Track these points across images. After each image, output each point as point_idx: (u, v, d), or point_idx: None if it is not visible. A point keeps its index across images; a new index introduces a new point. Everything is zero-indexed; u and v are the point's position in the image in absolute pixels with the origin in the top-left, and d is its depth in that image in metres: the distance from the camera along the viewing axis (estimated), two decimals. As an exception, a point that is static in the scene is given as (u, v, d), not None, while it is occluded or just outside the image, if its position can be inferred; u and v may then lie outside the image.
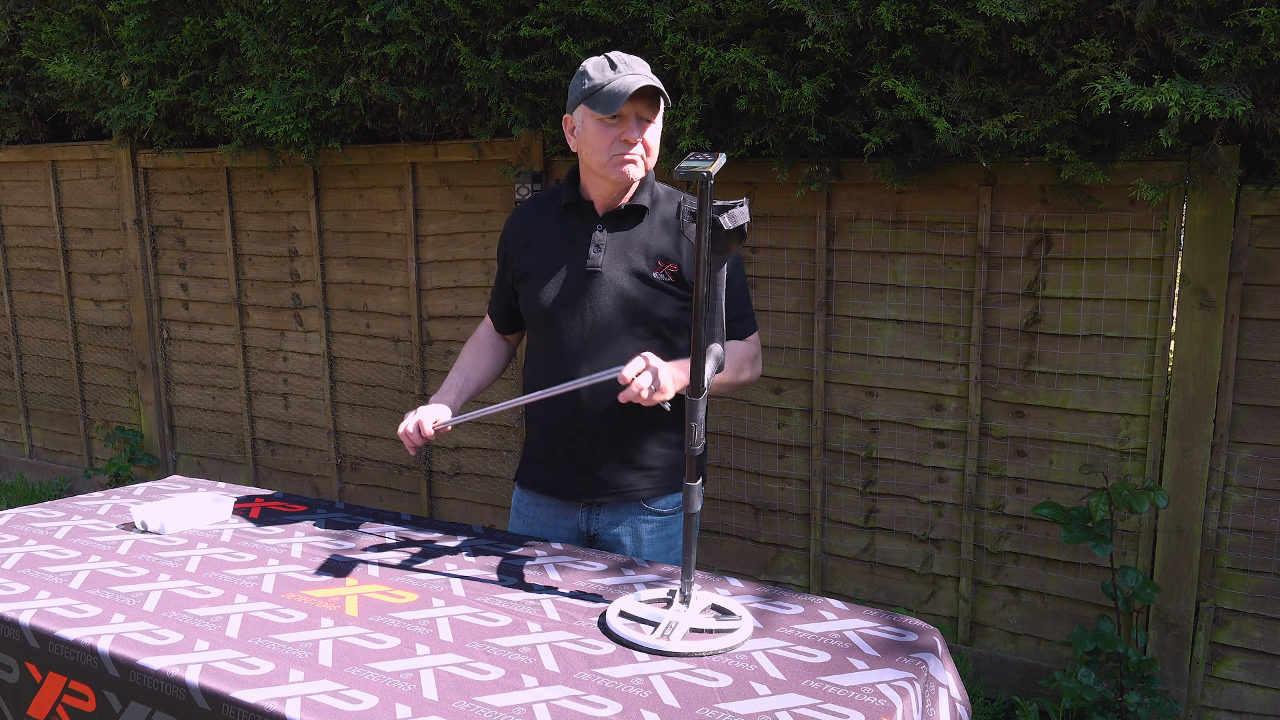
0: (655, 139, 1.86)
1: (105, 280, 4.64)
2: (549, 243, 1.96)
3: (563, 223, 1.96)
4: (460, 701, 1.32)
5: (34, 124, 4.67)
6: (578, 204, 1.94)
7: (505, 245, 2.05)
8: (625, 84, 1.75)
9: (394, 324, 3.87)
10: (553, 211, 1.98)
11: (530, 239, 1.99)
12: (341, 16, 3.32)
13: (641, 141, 1.82)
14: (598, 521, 2.00)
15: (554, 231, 1.96)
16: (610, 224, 1.92)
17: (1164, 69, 2.41)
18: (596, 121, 1.80)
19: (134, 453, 4.59)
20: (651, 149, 1.85)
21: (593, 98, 1.78)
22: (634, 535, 1.99)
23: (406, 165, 3.69)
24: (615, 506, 1.98)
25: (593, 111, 1.79)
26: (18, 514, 2.15)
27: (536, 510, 2.06)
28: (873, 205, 2.95)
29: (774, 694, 1.35)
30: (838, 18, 2.59)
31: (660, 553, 2.01)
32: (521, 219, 2.04)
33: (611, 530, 1.99)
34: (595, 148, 1.82)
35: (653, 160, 1.88)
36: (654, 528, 2.00)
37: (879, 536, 3.11)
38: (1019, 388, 2.84)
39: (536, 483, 2.05)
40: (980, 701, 2.94)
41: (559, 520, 2.02)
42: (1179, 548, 2.68)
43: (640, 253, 1.90)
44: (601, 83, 1.78)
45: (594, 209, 1.93)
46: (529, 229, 2.00)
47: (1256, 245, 2.52)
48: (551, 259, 1.94)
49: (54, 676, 1.54)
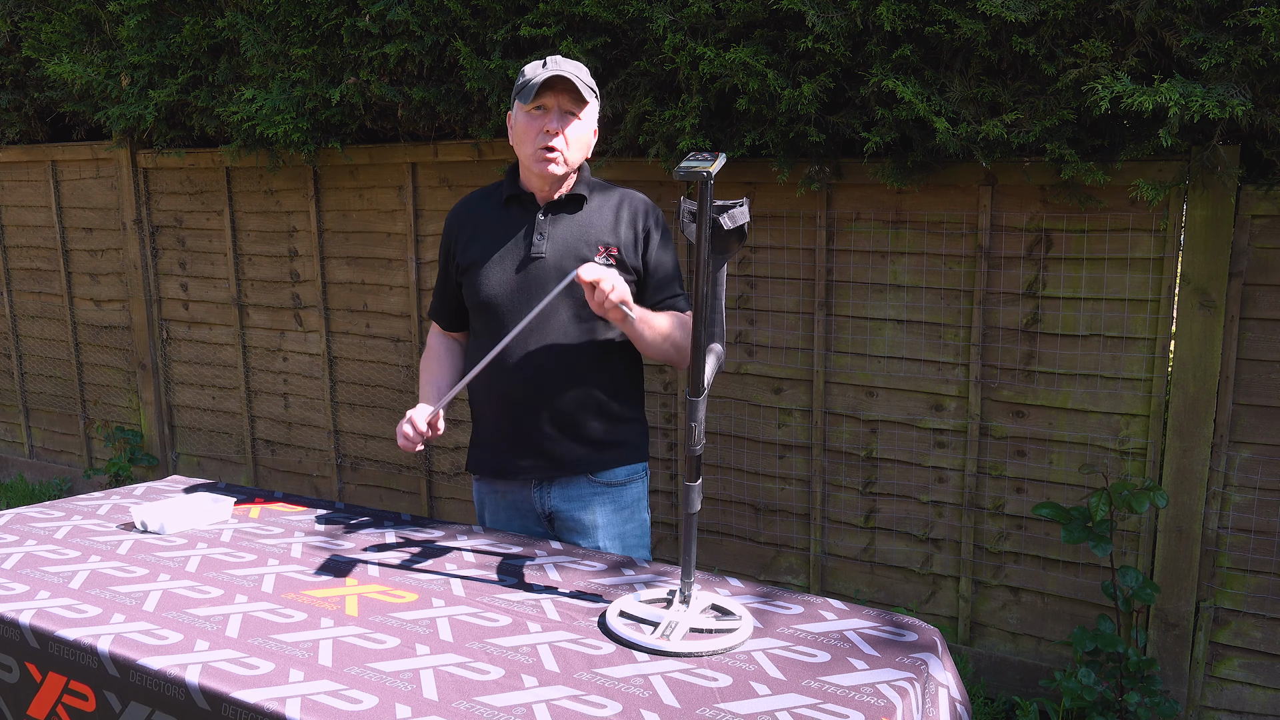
0: (578, 135, 1.94)
1: (105, 280, 4.64)
2: (491, 233, 2.04)
3: (505, 214, 2.04)
4: (460, 701, 1.32)
5: (34, 124, 4.67)
6: (519, 196, 2.03)
7: (447, 240, 2.12)
8: (543, 75, 1.87)
9: (394, 324, 3.87)
10: (493, 204, 2.07)
11: (473, 231, 2.06)
12: (341, 16, 3.32)
13: (562, 134, 1.90)
14: (550, 498, 2.06)
15: (496, 222, 2.04)
16: (552, 213, 2.00)
17: (1164, 69, 2.41)
18: (525, 114, 1.93)
19: (134, 453, 4.59)
20: (573, 142, 1.93)
21: (521, 91, 1.91)
22: (588, 509, 2.06)
23: (406, 165, 3.69)
24: (565, 482, 2.05)
25: (520, 104, 1.92)
26: (18, 514, 2.15)
27: (494, 497, 2.12)
28: (873, 205, 2.95)
29: (774, 694, 1.35)
30: (838, 18, 2.59)
31: (617, 524, 2.08)
32: (462, 214, 2.12)
33: (566, 505, 2.06)
34: (522, 139, 1.94)
35: (576, 154, 1.95)
36: (606, 498, 2.07)
37: (879, 536, 3.11)
38: (1019, 388, 2.84)
39: (487, 468, 2.11)
40: (980, 701, 2.94)
41: (516, 502, 2.09)
42: (1179, 548, 2.68)
43: (582, 239, 1.99)
44: (530, 77, 1.90)
45: (535, 200, 2.01)
46: (471, 223, 2.08)
47: (1256, 245, 2.52)
48: (495, 248, 2.02)
49: (54, 676, 1.54)
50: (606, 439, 2.05)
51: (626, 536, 2.10)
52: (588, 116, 1.95)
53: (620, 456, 2.07)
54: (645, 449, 2.14)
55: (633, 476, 2.10)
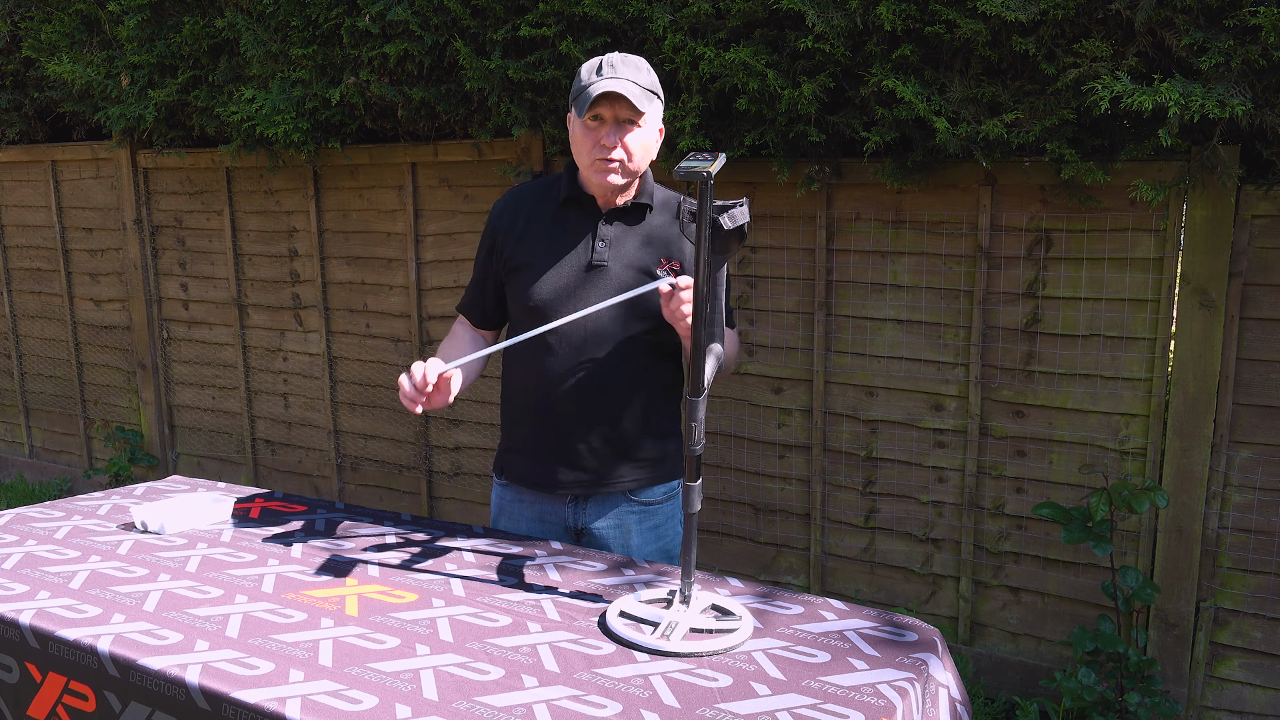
0: (640, 142, 1.83)
1: (105, 280, 4.64)
2: (547, 234, 1.93)
3: (562, 216, 1.94)
4: (460, 701, 1.32)
5: (34, 124, 4.67)
6: (579, 198, 1.93)
7: (494, 234, 1.98)
8: (596, 89, 1.75)
9: (394, 324, 3.87)
10: (549, 204, 1.96)
11: (525, 229, 1.95)
12: (341, 16, 3.32)
13: (622, 145, 1.80)
14: (584, 515, 1.99)
15: (552, 224, 1.94)
16: (614, 220, 1.92)
17: (1164, 69, 2.41)
18: (580, 125, 1.82)
19: (134, 453, 4.59)
20: (634, 152, 1.83)
21: (576, 100, 1.81)
22: (621, 527, 1.99)
23: (406, 165, 3.69)
24: (602, 499, 1.98)
25: (575, 114, 1.82)
26: (18, 514, 2.15)
27: (519, 505, 2.04)
28: (873, 205, 2.95)
29: (774, 694, 1.35)
30: (838, 18, 2.59)
31: (649, 542, 2.01)
32: (512, 208, 1.98)
33: (599, 523, 1.99)
34: (579, 150, 1.85)
35: (638, 163, 1.85)
36: (641, 518, 2.00)
37: (879, 536, 3.11)
38: (1019, 388, 2.84)
39: (520, 475, 2.01)
40: (980, 701, 2.94)
41: (544, 514, 2.01)
42: (1179, 548, 2.68)
43: (644, 250, 1.91)
44: (586, 84, 1.79)
45: (596, 204, 1.92)
46: (522, 219, 1.96)
47: (1256, 245, 2.52)
48: (551, 251, 1.92)
49: (54, 676, 1.54)
50: (651, 456, 1.98)
51: (661, 555, 2.04)
52: (649, 122, 1.83)
53: (662, 474, 2.00)
54: (681, 464, 2.04)
55: (670, 494, 2.03)
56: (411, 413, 1.85)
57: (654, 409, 1.97)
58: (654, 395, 1.96)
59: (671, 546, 2.05)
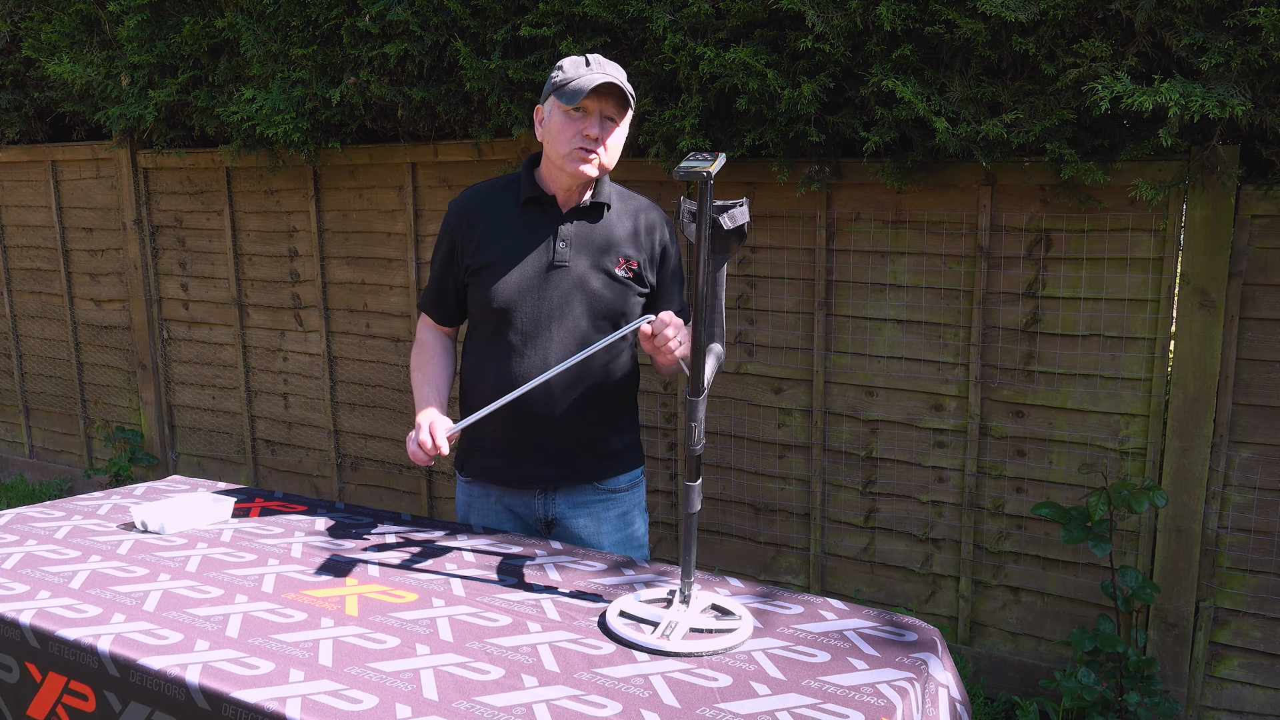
0: (617, 142, 1.91)
1: (105, 280, 4.64)
2: (509, 234, 1.96)
3: (522, 216, 1.97)
4: (460, 701, 1.32)
5: (34, 124, 4.67)
6: (539, 199, 1.96)
7: (453, 234, 2.00)
8: (592, 79, 1.81)
9: (394, 324, 3.87)
10: (508, 204, 1.98)
11: (485, 231, 1.97)
12: (341, 16, 3.32)
13: (602, 140, 1.86)
14: (555, 505, 2.05)
15: (513, 223, 1.97)
16: (574, 219, 1.96)
17: (1164, 69, 2.41)
18: (562, 113, 1.86)
19: (134, 453, 4.59)
20: (611, 150, 1.90)
21: (562, 89, 1.84)
22: (591, 514, 2.06)
23: (406, 165, 3.69)
24: (571, 490, 2.05)
25: (559, 103, 1.85)
26: (18, 514, 2.15)
27: (487, 500, 2.10)
28: (873, 205, 2.95)
29: (774, 694, 1.35)
30: (838, 17, 2.59)
31: (617, 529, 2.08)
32: (471, 208, 2.00)
33: (570, 511, 2.05)
34: (558, 139, 1.87)
35: (610, 161, 1.91)
36: (608, 505, 2.07)
37: (879, 536, 3.11)
38: (1019, 388, 2.84)
39: (488, 473, 2.08)
40: (980, 701, 2.94)
41: (514, 506, 2.07)
42: (1179, 548, 2.68)
43: (605, 249, 1.96)
44: (573, 76, 1.84)
45: (556, 204, 1.96)
46: (484, 220, 1.98)
47: (1256, 245, 2.52)
48: (513, 251, 1.95)
49: (54, 676, 1.54)
50: (615, 448, 2.07)
51: (629, 540, 2.11)
52: (626, 124, 1.92)
53: (625, 463, 2.09)
54: (643, 453, 2.16)
55: (634, 481, 2.12)
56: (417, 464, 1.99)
57: (616, 401, 2.05)
58: (615, 388, 2.04)
59: (636, 534, 2.13)
